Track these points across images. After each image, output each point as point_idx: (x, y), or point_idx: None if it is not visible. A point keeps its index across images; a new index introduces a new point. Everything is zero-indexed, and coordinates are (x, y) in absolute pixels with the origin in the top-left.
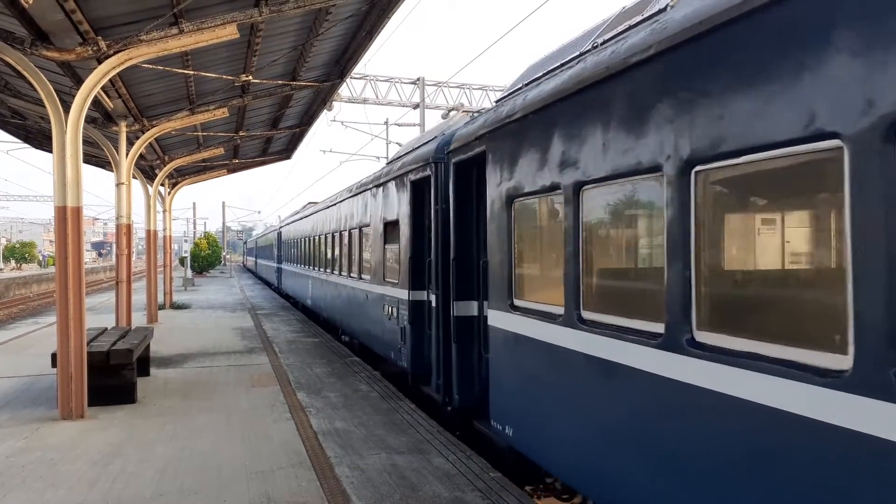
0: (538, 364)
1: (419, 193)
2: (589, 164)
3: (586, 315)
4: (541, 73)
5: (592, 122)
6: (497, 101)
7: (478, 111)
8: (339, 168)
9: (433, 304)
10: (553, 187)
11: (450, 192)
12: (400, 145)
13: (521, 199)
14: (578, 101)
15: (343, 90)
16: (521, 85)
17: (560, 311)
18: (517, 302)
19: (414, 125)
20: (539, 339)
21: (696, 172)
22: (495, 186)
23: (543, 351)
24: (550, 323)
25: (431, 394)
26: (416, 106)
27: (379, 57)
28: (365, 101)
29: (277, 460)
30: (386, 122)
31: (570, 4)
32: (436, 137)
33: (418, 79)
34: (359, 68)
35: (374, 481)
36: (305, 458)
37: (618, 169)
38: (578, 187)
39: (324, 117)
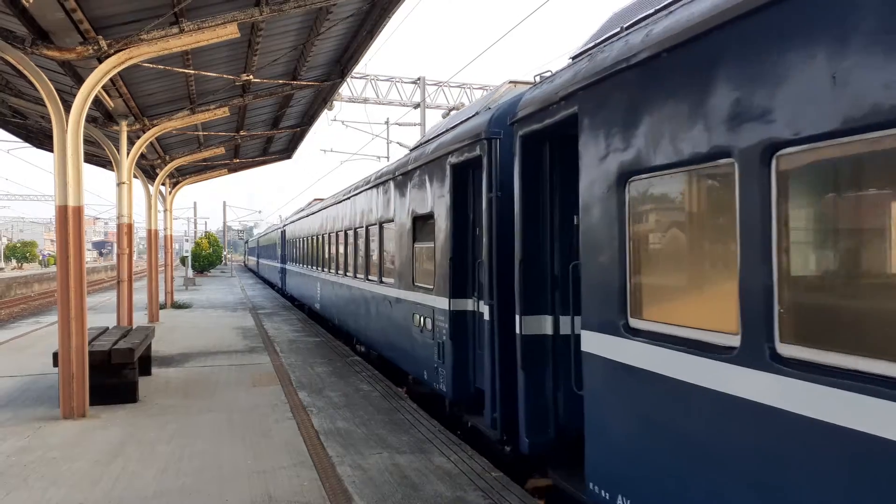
0: (683, 417)
1: (462, 179)
2: (796, 115)
3: (787, 350)
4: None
5: (809, 48)
6: (575, 58)
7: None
8: (339, 168)
9: (485, 316)
10: (713, 155)
11: (514, 175)
12: (401, 145)
13: (644, 175)
14: (784, 11)
15: (344, 90)
16: (614, 31)
17: (732, 340)
18: (637, 323)
19: (415, 125)
20: (685, 380)
21: None
22: (596, 161)
23: (695, 399)
24: (710, 358)
25: (482, 428)
26: (416, 105)
27: (380, 56)
28: (366, 101)
29: (279, 460)
30: (386, 122)
31: (571, 4)
32: (479, 113)
33: (419, 78)
34: (359, 68)
35: (376, 481)
36: (307, 457)
37: (860, 118)
38: (772, 151)
39: (324, 117)
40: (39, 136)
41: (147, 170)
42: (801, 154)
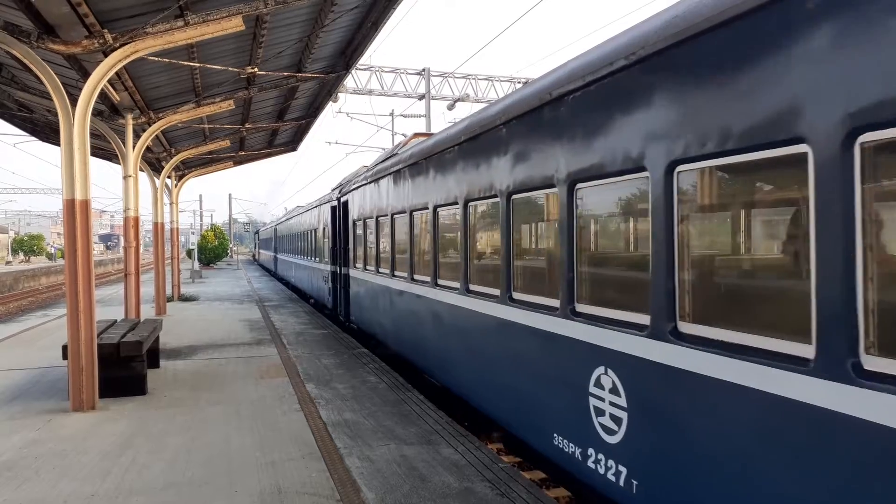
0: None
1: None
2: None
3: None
4: None
5: None
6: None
7: None
8: (345, 160)
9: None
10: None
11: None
12: (405, 136)
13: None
14: None
15: (348, 81)
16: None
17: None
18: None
19: (420, 116)
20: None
21: None
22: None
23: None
24: None
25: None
26: (421, 97)
27: (384, 48)
28: (370, 93)
29: (287, 451)
30: (391, 114)
31: None
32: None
33: (424, 69)
34: (364, 59)
35: (384, 472)
36: (315, 448)
37: None
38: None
39: (329, 109)
40: (46, 130)
41: (153, 163)
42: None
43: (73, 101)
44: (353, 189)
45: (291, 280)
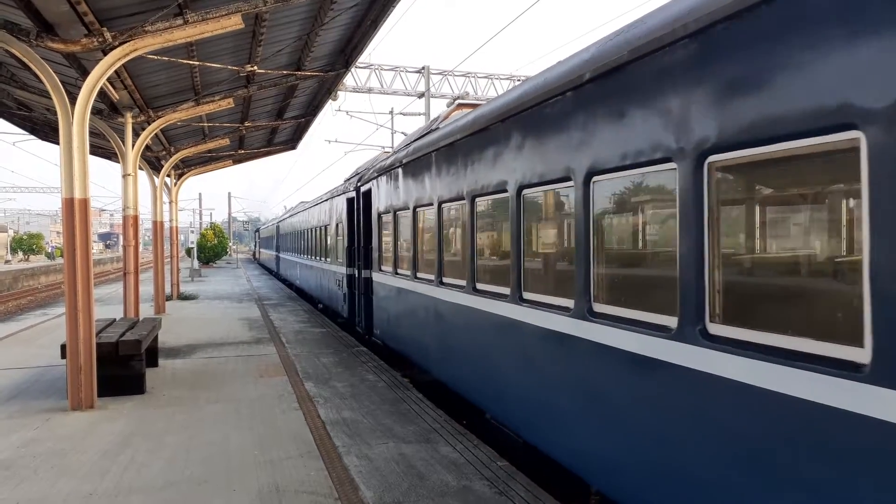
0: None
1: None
2: None
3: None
4: None
5: None
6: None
7: None
8: (344, 158)
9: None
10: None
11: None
12: (406, 135)
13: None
14: None
15: (348, 80)
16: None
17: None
18: None
19: (419, 114)
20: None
21: None
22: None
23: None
24: None
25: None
26: (421, 95)
27: (384, 46)
28: (370, 91)
29: (286, 450)
30: (391, 112)
31: None
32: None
33: (423, 68)
34: (363, 57)
35: (383, 470)
36: (314, 447)
37: None
38: None
39: (329, 107)
40: (45, 129)
41: (152, 161)
42: None
43: (73, 100)
44: (379, 176)
45: (296, 282)
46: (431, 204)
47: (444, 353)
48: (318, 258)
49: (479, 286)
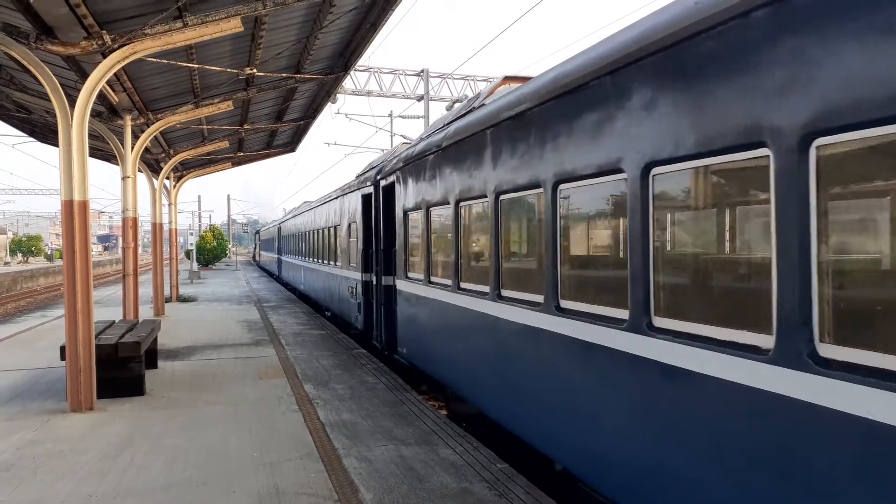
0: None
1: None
2: None
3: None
4: None
5: None
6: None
7: None
8: (343, 161)
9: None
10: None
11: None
12: (405, 138)
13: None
14: None
15: (347, 83)
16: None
17: None
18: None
19: (418, 117)
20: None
21: None
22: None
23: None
24: None
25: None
26: (420, 98)
27: (383, 49)
28: (369, 94)
29: (285, 452)
30: (390, 115)
31: None
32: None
33: (422, 70)
34: (363, 60)
35: (382, 472)
36: (313, 449)
37: None
38: None
39: (328, 110)
40: (44, 131)
41: (151, 164)
42: None
43: (72, 102)
44: (405, 166)
45: (300, 287)
46: (484, 196)
47: (504, 390)
48: (326, 262)
49: (565, 304)
